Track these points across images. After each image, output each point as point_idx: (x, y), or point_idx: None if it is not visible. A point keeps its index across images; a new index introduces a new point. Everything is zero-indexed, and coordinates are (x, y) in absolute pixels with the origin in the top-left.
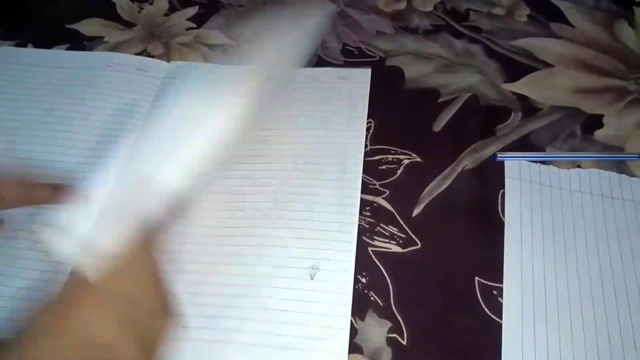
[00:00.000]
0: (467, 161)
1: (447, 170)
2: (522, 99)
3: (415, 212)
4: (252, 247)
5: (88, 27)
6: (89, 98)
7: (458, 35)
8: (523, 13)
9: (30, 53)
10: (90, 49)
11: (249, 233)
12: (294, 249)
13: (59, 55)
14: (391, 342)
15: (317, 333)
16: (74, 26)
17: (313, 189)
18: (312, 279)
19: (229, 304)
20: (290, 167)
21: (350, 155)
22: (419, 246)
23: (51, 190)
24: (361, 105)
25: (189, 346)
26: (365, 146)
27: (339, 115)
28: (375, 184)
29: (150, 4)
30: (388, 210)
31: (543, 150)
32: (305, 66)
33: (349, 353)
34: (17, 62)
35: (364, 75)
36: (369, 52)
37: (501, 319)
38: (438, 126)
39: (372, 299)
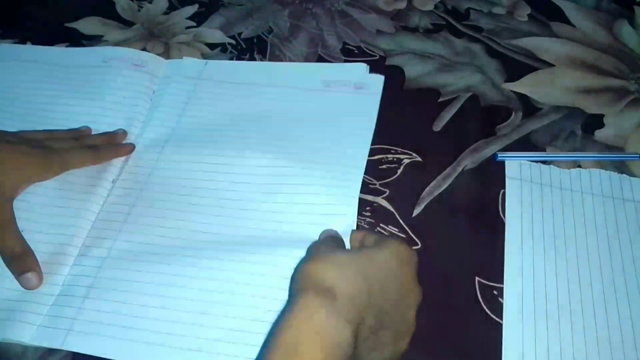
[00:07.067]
0: (467, 161)
1: (448, 170)
2: (523, 98)
3: (416, 212)
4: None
5: (87, 25)
6: (87, 95)
7: (458, 34)
8: (524, 12)
9: (27, 50)
10: None
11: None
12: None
13: (56, 52)
14: None
15: None
16: (73, 25)
17: (311, 187)
18: None
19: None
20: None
21: (353, 157)
22: (419, 246)
23: None
24: (372, 115)
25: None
26: None
27: (348, 123)
28: (375, 184)
29: (150, 2)
30: (388, 210)
31: (543, 150)
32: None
33: None
34: (15, 59)
35: (377, 84)
36: (369, 52)
37: (501, 319)
38: (438, 126)
39: None
